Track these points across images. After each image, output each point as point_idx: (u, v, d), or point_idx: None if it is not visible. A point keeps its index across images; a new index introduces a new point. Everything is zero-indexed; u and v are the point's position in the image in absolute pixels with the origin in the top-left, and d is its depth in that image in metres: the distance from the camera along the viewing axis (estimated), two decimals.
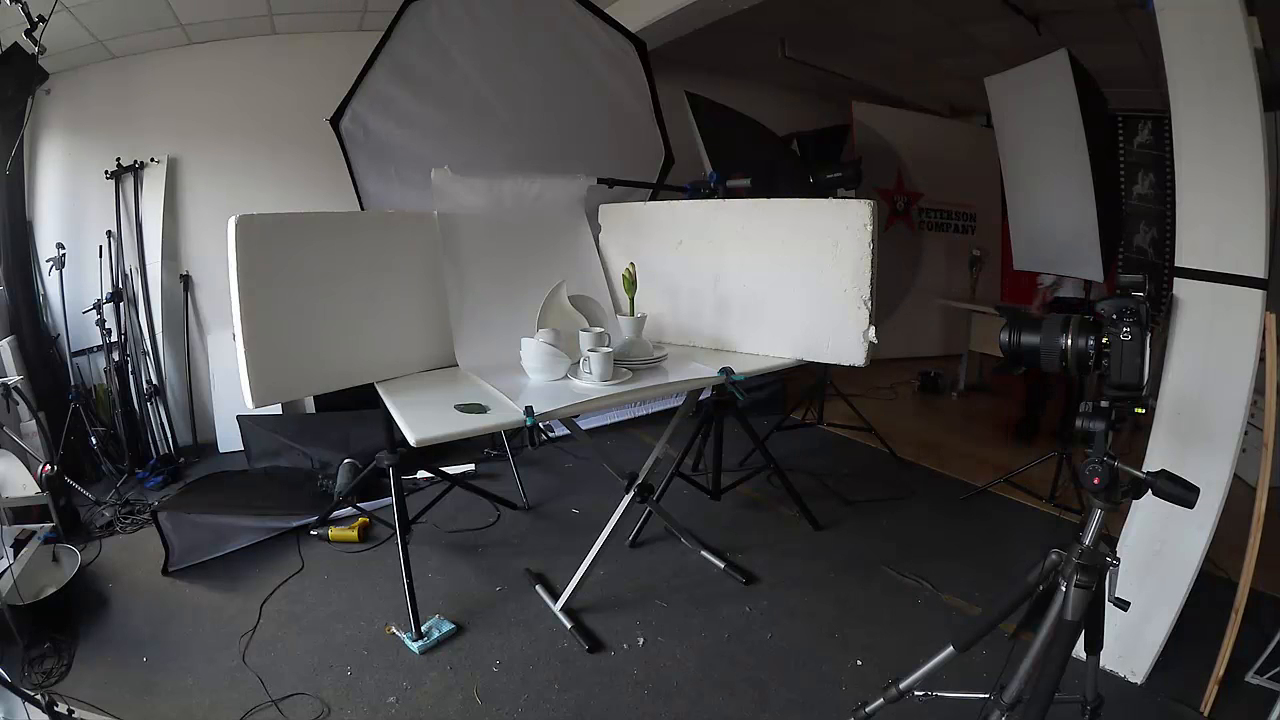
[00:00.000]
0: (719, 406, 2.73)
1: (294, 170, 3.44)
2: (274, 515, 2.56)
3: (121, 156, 3.21)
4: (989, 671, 1.37)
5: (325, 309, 1.78)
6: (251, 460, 3.13)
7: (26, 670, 1.80)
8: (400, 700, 1.76)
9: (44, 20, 1.99)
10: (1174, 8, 1.55)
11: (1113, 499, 1.14)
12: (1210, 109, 1.55)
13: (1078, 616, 1.16)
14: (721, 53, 4.05)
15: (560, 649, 1.96)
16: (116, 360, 3.14)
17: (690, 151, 3.58)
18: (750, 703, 1.76)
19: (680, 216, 2.25)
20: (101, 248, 3.20)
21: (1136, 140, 3.53)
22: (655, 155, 3.08)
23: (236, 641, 1.96)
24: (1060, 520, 2.70)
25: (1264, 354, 1.53)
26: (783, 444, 3.20)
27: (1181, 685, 1.74)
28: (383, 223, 2.10)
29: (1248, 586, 1.62)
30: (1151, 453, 1.68)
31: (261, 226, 1.64)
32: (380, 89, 2.56)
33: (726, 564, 2.35)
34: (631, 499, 2.16)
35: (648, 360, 1.83)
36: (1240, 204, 1.52)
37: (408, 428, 1.45)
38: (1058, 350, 1.14)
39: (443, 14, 2.54)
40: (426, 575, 2.28)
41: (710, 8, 3.23)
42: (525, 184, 2.23)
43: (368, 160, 2.63)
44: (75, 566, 2.15)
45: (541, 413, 1.50)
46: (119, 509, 2.73)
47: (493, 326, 1.96)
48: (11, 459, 2.49)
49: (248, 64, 3.38)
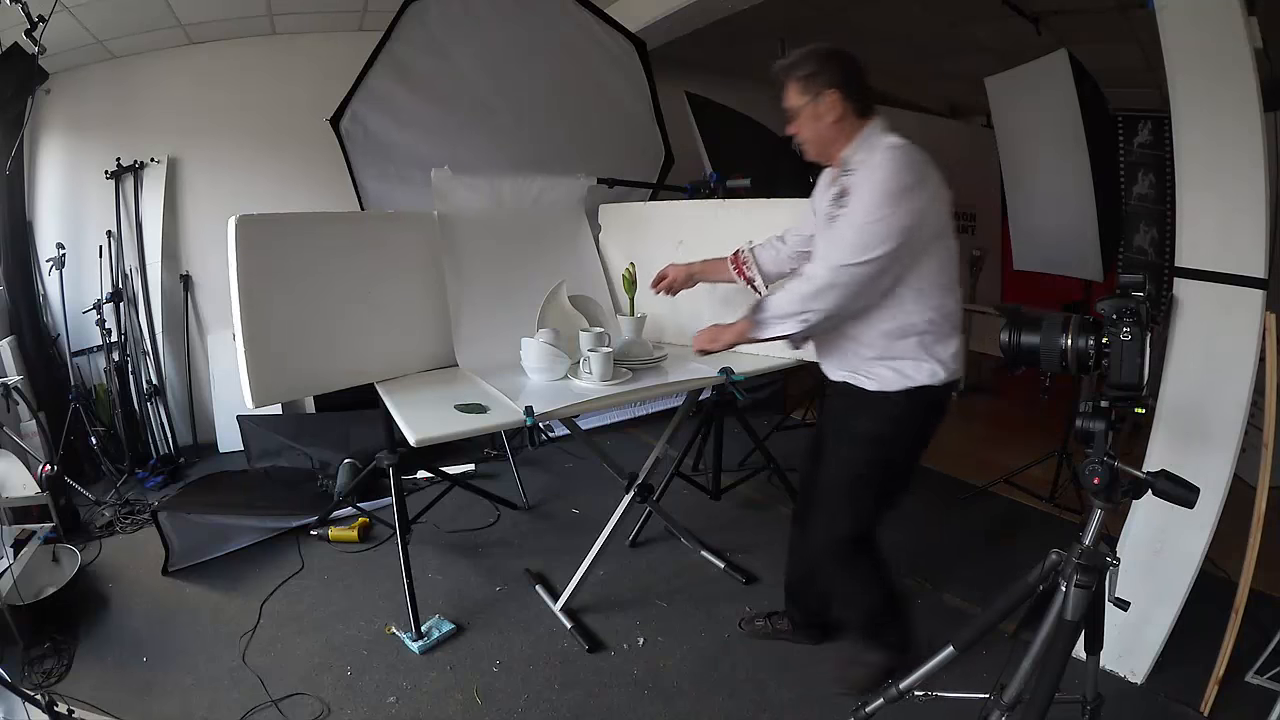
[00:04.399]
0: (719, 406, 2.73)
1: (294, 170, 3.43)
2: (274, 515, 2.56)
3: (121, 156, 3.21)
4: (989, 671, 1.37)
5: (325, 309, 1.78)
6: (251, 460, 3.12)
7: (26, 670, 1.80)
8: (400, 700, 1.76)
9: (44, 20, 1.98)
10: (1174, 8, 1.55)
11: (1113, 499, 1.14)
12: (1210, 109, 1.55)
13: (1078, 616, 1.16)
14: (721, 53, 4.05)
15: (560, 649, 1.96)
16: (116, 360, 3.14)
17: (690, 151, 3.58)
18: (750, 703, 1.76)
19: (680, 216, 2.25)
20: (101, 248, 3.20)
21: (1136, 140, 3.53)
22: (655, 155, 3.09)
23: (236, 641, 1.96)
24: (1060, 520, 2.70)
25: (1264, 354, 1.53)
26: (783, 444, 3.20)
27: (1181, 685, 1.73)
28: (383, 223, 2.10)
29: (1248, 586, 1.62)
30: (1151, 453, 1.68)
31: (261, 226, 1.64)
32: (380, 89, 2.56)
33: (726, 564, 2.35)
34: (631, 499, 2.16)
35: (648, 360, 1.83)
36: (1240, 204, 1.52)
37: (408, 428, 1.45)
38: (1058, 350, 1.14)
39: (442, 14, 2.54)
40: (426, 575, 2.28)
41: (710, 8, 3.23)
42: (525, 184, 2.23)
43: (368, 160, 2.63)
44: (75, 566, 2.15)
45: (541, 413, 1.50)
46: (119, 509, 2.73)
47: (493, 326, 1.96)
48: (11, 459, 2.49)
49: (248, 64, 3.38)
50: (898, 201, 1.38)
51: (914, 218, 1.39)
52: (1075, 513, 2.68)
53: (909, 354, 1.50)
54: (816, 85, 1.48)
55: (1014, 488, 2.94)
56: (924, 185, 1.42)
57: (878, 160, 1.43)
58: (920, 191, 1.41)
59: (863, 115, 1.50)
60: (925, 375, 1.50)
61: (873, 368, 1.54)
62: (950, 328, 1.51)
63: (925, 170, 1.43)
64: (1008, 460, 3.08)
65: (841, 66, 1.49)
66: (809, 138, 1.54)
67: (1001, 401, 4.45)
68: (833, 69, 1.48)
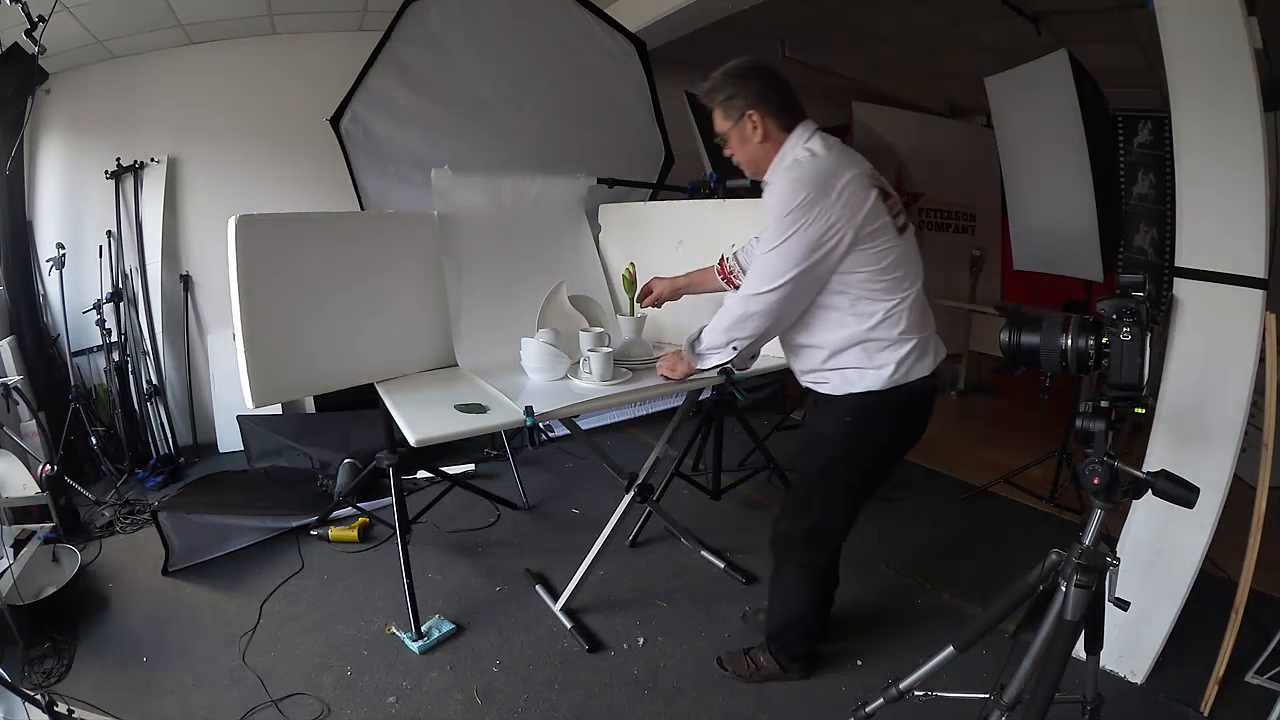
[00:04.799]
0: (719, 406, 2.73)
1: (294, 170, 3.43)
2: (274, 515, 2.56)
3: (121, 156, 3.21)
4: (989, 671, 1.37)
5: (325, 309, 1.78)
6: (251, 460, 3.12)
7: (26, 670, 1.80)
8: (400, 700, 1.76)
9: (44, 20, 1.98)
10: (1174, 8, 1.55)
11: (1113, 499, 1.14)
12: (1210, 108, 1.55)
13: (1078, 616, 1.16)
14: (721, 53, 4.04)
15: (560, 649, 1.96)
16: (116, 360, 3.14)
17: (690, 151, 3.58)
18: (750, 703, 1.76)
19: (680, 216, 2.25)
20: (101, 248, 3.20)
21: (1136, 140, 3.53)
22: (655, 155, 3.09)
23: (236, 641, 1.96)
24: (1060, 520, 2.70)
25: (1264, 354, 1.53)
26: (783, 444, 3.20)
27: (1181, 685, 1.73)
28: (383, 223, 2.10)
29: (1248, 586, 1.62)
30: (1151, 453, 1.68)
31: (261, 226, 1.64)
32: (380, 89, 2.56)
33: (726, 564, 2.35)
34: (631, 499, 2.16)
35: (648, 360, 1.83)
36: (1240, 204, 1.52)
37: (408, 428, 1.45)
38: (1058, 350, 1.14)
39: (442, 14, 2.54)
40: (426, 575, 2.28)
41: (710, 8, 3.22)
42: (525, 184, 2.23)
43: (368, 160, 2.63)
44: (75, 566, 2.15)
45: (541, 413, 1.50)
46: (119, 509, 2.73)
47: (493, 326, 1.96)
48: (11, 459, 2.49)
49: (248, 64, 3.38)
50: (794, 222, 1.36)
51: (819, 231, 1.36)
52: (1075, 513, 2.68)
53: (852, 362, 1.48)
54: (737, 107, 1.48)
55: (1014, 488, 2.94)
56: (826, 194, 1.36)
57: (775, 184, 1.43)
58: (822, 202, 1.35)
59: (786, 127, 1.48)
60: (869, 381, 1.47)
61: (823, 374, 1.54)
62: (898, 332, 1.44)
63: (829, 179, 1.37)
64: (1008, 460, 3.08)
65: (758, 83, 1.48)
66: (743, 160, 1.54)
67: (1001, 401, 4.45)
68: (748, 88, 1.47)
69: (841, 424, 1.54)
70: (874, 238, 1.40)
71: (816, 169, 1.40)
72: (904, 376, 1.46)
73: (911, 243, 1.48)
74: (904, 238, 1.45)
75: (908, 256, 1.46)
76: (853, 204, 1.37)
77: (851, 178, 1.38)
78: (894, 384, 1.47)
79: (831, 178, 1.38)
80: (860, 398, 1.49)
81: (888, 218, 1.42)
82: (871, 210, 1.39)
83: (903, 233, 1.45)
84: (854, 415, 1.52)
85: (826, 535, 1.68)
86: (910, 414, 1.55)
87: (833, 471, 1.61)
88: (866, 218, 1.38)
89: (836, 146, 1.46)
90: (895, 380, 1.46)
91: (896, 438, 1.58)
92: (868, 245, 1.40)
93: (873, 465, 1.61)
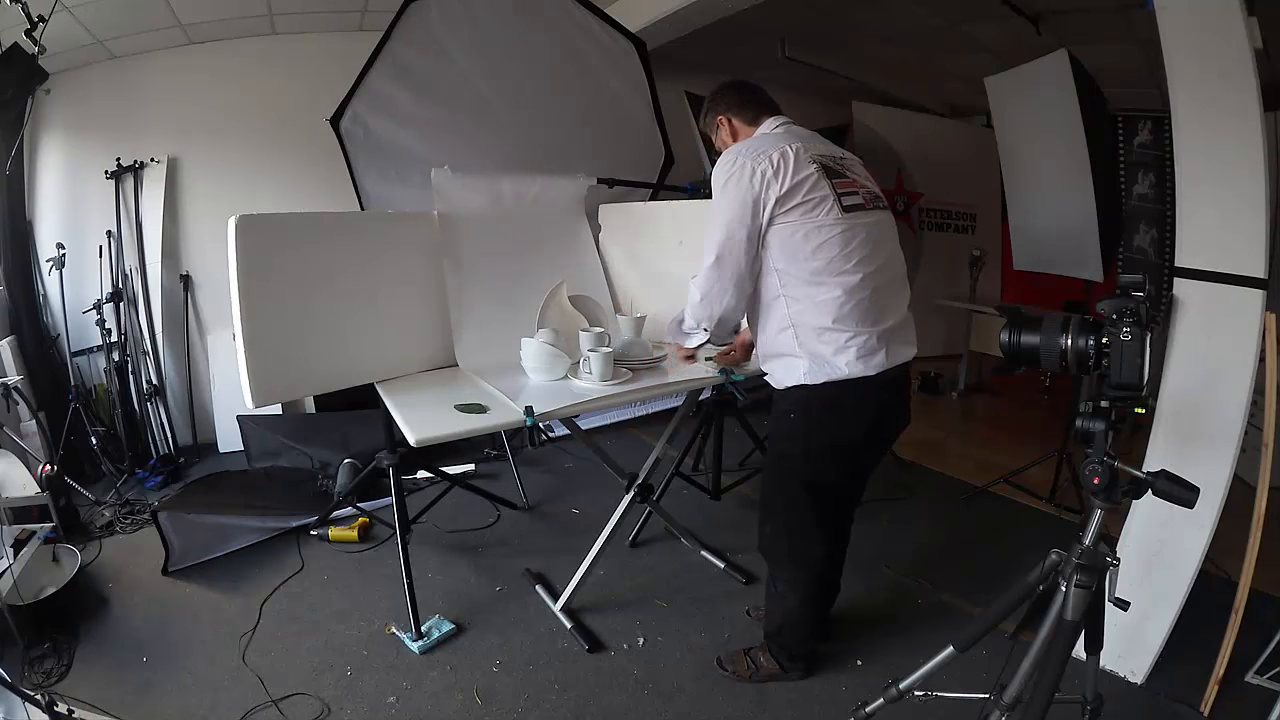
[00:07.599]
0: (719, 406, 2.73)
1: (294, 170, 3.44)
2: (274, 515, 2.56)
3: (121, 156, 3.21)
4: (989, 671, 1.37)
5: (325, 309, 1.78)
6: (251, 460, 3.13)
7: (26, 670, 1.80)
8: (400, 700, 1.76)
9: (44, 20, 1.99)
10: (1174, 8, 1.55)
11: (1113, 499, 1.14)
12: (1210, 109, 1.55)
13: (1078, 616, 1.16)
14: (721, 53, 4.05)
15: (560, 649, 1.96)
16: (116, 360, 3.14)
17: (690, 151, 3.58)
18: (750, 703, 1.76)
19: (680, 216, 2.25)
20: (101, 248, 3.20)
21: (1136, 140, 3.53)
22: (655, 155, 3.08)
23: (236, 641, 1.96)
24: (1060, 520, 2.70)
25: (1264, 354, 1.53)
26: None
27: (1181, 685, 1.74)
28: (383, 223, 2.10)
29: (1248, 586, 1.62)
30: (1151, 453, 1.68)
31: (261, 226, 1.64)
32: (380, 89, 2.56)
33: (727, 564, 2.35)
34: (631, 499, 2.16)
35: (647, 360, 1.83)
36: (1240, 204, 1.52)
37: (408, 428, 1.45)
38: (1058, 350, 1.14)
39: (443, 14, 2.54)
40: (426, 575, 2.28)
41: (710, 8, 3.23)
42: (525, 184, 2.23)
43: (368, 160, 2.63)
44: (75, 566, 2.15)
45: (541, 413, 1.50)
46: (119, 509, 2.73)
47: (493, 326, 1.96)
48: (11, 459, 2.49)
49: (248, 64, 3.38)
50: (721, 191, 1.44)
51: (740, 195, 1.40)
52: (1075, 513, 2.69)
53: (784, 349, 1.49)
54: (712, 117, 1.69)
55: (1014, 488, 2.94)
56: (741, 174, 1.40)
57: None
58: (738, 183, 1.40)
59: (752, 122, 1.62)
60: (801, 373, 1.45)
61: (769, 364, 1.57)
62: (831, 320, 1.40)
63: (761, 152, 1.41)
64: (1008, 460, 3.08)
65: (722, 92, 1.67)
66: None
67: (1001, 401, 4.45)
68: (716, 100, 1.68)
69: (786, 420, 1.54)
70: (805, 211, 1.39)
71: (751, 144, 1.47)
72: (839, 372, 1.42)
73: (869, 234, 1.44)
74: (851, 222, 1.41)
75: (853, 243, 1.41)
76: (782, 171, 1.39)
77: (787, 150, 1.41)
78: (828, 379, 1.43)
79: (764, 150, 1.42)
80: (797, 392, 1.48)
81: (829, 194, 1.40)
82: (804, 181, 1.39)
83: (848, 213, 1.41)
84: (797, 411, 1.51)
85: (800, 535, 1.63)
86: (861, 412, 1.49)
87: (788, 468, 1.60)
88: (796, 186, 1.39)
89: (789, 129, 1.53)
90: (830, 375, 1.42)
91: (848, 435, 1.51)
92: (798, 219, 1.40)
93: (829, 463, 1.55)
